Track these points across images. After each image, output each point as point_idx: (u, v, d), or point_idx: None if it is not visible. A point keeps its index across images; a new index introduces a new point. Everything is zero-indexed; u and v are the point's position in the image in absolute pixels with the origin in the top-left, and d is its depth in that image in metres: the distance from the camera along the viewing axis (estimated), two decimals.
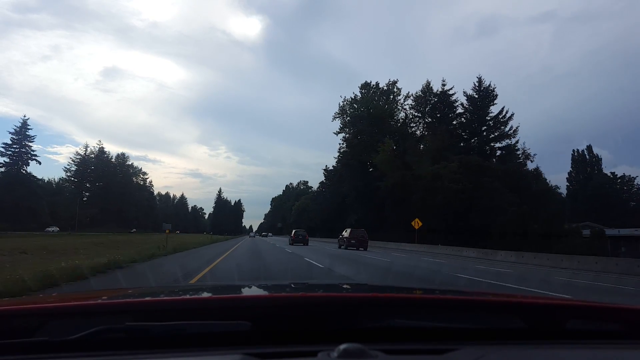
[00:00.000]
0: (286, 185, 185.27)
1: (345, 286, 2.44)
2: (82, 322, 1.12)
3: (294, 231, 41.60)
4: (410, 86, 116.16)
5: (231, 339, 1.14)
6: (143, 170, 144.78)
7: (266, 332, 1.17)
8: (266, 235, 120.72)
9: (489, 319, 1.38)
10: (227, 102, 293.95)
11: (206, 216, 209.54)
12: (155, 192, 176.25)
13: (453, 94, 58.33)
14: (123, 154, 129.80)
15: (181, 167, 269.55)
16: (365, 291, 2.02)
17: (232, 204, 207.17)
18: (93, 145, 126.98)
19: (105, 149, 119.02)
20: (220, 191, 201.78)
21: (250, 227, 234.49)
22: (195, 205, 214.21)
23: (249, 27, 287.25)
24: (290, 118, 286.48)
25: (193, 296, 1.82)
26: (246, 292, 2.00)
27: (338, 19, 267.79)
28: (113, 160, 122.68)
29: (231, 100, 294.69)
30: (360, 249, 31.77)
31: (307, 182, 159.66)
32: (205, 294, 1.90)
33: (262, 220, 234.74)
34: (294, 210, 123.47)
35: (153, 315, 1.22)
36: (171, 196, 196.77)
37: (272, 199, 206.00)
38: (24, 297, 4.28)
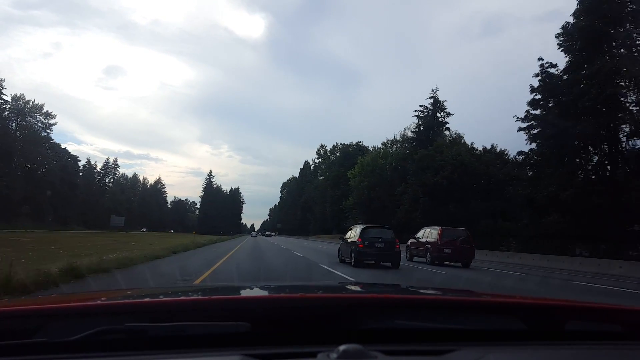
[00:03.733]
0: (305, 161, 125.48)
1: (345, 287, 2.42)
2: (82, 323, 1.12)
3: (359, 229, 15.91)
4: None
5: (230, 340, 1.14)
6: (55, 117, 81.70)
7: (265, 333, 1.19)
8: (269, 235, 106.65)
9: (488, 320, 1.38)
10: (229, 100, 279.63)
11: (197, 212, 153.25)
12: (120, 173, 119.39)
13: None
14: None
15: (183, 166, 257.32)
16: (365, 292, 2.03)
17: (227, 193, 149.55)
18: None
19: None
20: (210, 174, 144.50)
21: (252, 226, 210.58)
22: (187, 199, 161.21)
23: (252, 24, 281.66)
24: (293, 117, 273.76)
25: (192, 297, 1.83)
26: (245, 293, 1.99)
27: (341, 17, 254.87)
28: None
29: (233, 98, 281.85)
30: (456, 263, 17.71)
31: (360, 142, 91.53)
32: (205, 295, 1.85)
33: (267, 218, 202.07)
34: (356, 178, 59.33)
35: (152, 316, 1.21)
36: (140, 179, 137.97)
37: (283, 183, 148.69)
38: (24, 298, 4.29)
